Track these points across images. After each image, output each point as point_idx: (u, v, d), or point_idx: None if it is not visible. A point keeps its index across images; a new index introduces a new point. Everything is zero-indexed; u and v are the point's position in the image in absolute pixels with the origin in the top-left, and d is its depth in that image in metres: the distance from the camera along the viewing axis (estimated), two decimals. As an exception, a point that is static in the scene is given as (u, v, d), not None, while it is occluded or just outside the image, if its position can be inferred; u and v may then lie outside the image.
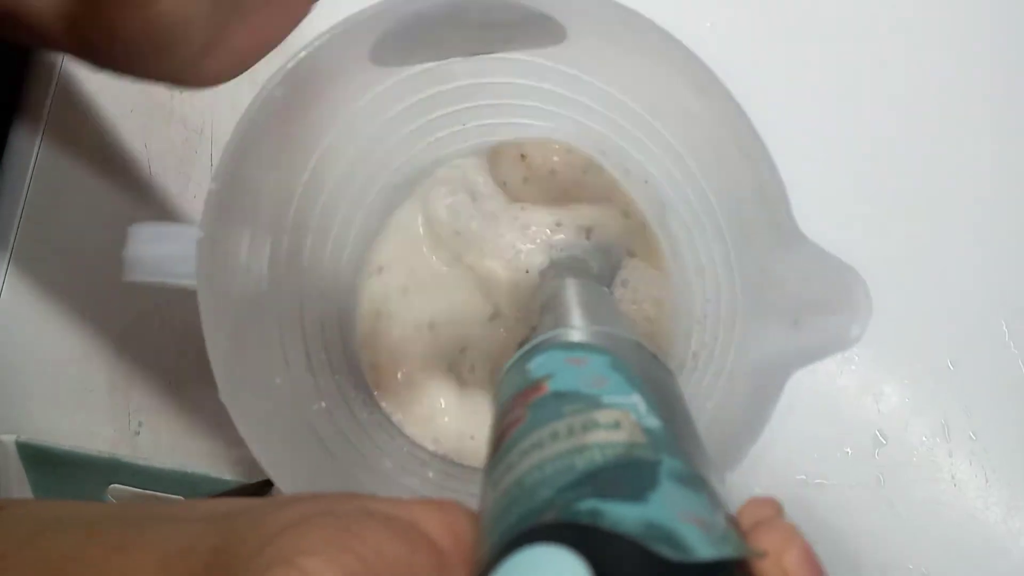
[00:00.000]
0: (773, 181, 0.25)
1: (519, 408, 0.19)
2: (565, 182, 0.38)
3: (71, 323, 0.47)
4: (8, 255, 0.47)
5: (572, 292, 0.29)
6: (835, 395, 0.41)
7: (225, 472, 0.43)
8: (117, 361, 0.46)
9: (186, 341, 0.46)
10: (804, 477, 0.41)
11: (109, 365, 0.46)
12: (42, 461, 0.43)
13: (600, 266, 0.35)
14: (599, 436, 0.17)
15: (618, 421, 0.17)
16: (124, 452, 0.44)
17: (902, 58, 0.44)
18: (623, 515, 0.14)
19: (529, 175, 0.38)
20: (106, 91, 0.48)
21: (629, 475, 0.15)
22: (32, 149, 0.48)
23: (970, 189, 0.43)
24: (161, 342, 0.46)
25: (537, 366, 0.21)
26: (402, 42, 0.28)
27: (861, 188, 0.43)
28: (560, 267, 0.35)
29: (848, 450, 0.41)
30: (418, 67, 0.31)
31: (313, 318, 0.35)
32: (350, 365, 0.38)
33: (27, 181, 0.48)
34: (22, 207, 0.48)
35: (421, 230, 0.39)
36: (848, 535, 0.40)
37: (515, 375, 0.22)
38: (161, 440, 0.45)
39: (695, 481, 0.16)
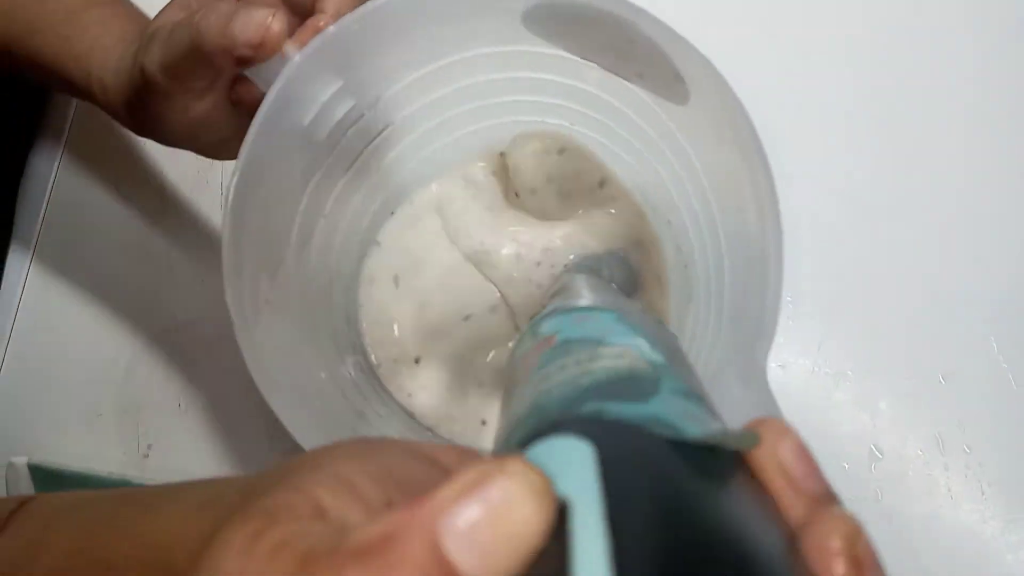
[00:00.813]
0: (770, 317, 0.26)
1: (532, 358, 0.20)
2: (616, 221, 0.40)
3: (82, 349, 0.48)
4: (22, 284, 0.49)
5: (581, 281, 0.31)
6: (831, 411, 0.42)
7: (232, 492, 0.44)
8: (127, 386, 0.47)
9: (195, 367, 0.47)
10: (803, 492, 0.41)
11: (119, 389, 0.47)
12: (53, 482, 0.44)
13: (611, 274, 0.37)
14: (603, 363, 0.17)
15: (622, 353, 0.18)
16: (133, 474, 0.45)
17: (896, 83, 0.46)
18: (624, 411, 0.15)
19: (590, 194, 0.40)
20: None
21: (631, 385, 0.16)
22: (48, 179, 0.50)
23: (960, 210, 0.44)
24: (171, 367, 0.47)
25: (547, 327, 0.22)
26: (558, 19, 0.29)
27: (857, 209, 0.45)
28: (572, 268, 0.37)
29: (845, 465, 0.42)
30: (556, 50, 0.32)
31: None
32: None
33: (41, 215, 0.50)
34: (37, 236, 0.49)
35: (441, 216, 0.40)
36: (847, 548, 0.40)
37: (527, 339, 0.23)
38: (169, 462, 0.46)
39: (695, 397, 0.17)
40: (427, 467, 0.16)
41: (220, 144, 0.34)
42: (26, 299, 0.49)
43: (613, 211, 0.40)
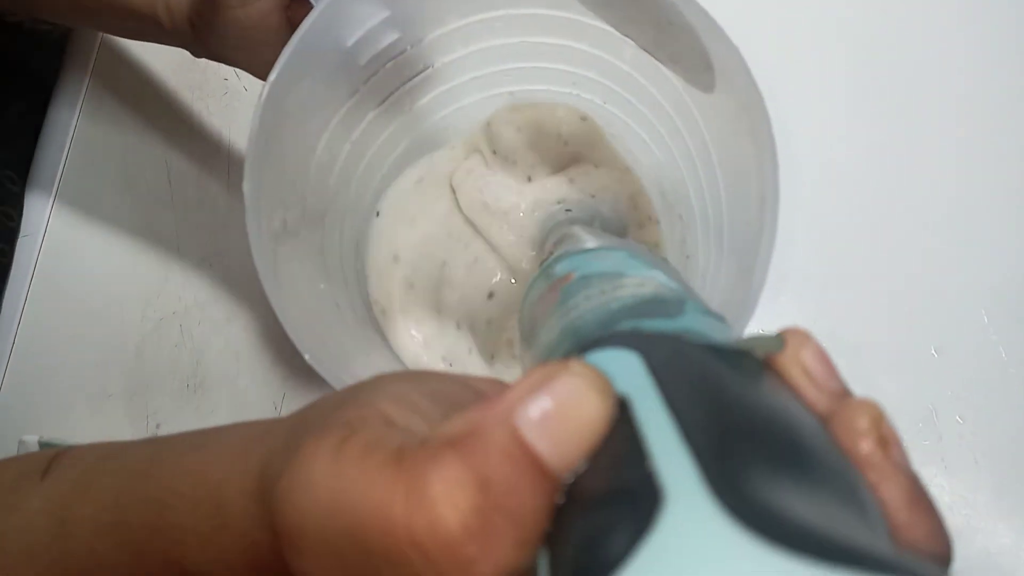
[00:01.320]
0: (748, 311, 0.27)
1: (552, 294, 0.21)
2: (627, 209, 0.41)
3: (93, 331, 0.49)
4: (33, 266, 0.50)
5: (581, 230, 0.31)
6: (826, 383, 0.43)
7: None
8: (135, 367, 0.48)
9: (201, 348, 0.48)
10: (800, 462, 0.42)
11: (128, 371, 0.48)
12: (64, 460, 0.45)
13: (603, 224, 0.38)
14: (628, 290, 0.19)
15: (643, 283, 0.19)
16: (143, 452, 0.46)
17: (889, 69, 0.47)
18: (659, 325, 0.16)
19: (603, 176, 0.41)
20: (129, 109, 0.51)
21: (659, 306, 0.17)
22: (59, 163, 0.51)
23: (951, 187, 0.45)
24: (179, 348, 0.48)
25: (562, 267, 0.23)
26: None
27: (850, 187, 0.46)
28: (568, 221, 0.39)
29: (841, 436, 0.42)
30: (598, 22, 0.33)
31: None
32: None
33: (51, 200, 0.51)
34: (47, 220, 0.50)
35: (444, 180, 0.42)
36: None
37: (542, 280, 0.24)
38: (178, 441, 0.47)
39: (716, 316, 0.18)
40: (469, 392, 0.18)
41: (272, 64, 0.36)
42: (36, 282, 0.49)
43: (620, 192, 0.41)
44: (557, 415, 0.13)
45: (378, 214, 0.41)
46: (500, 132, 0.41)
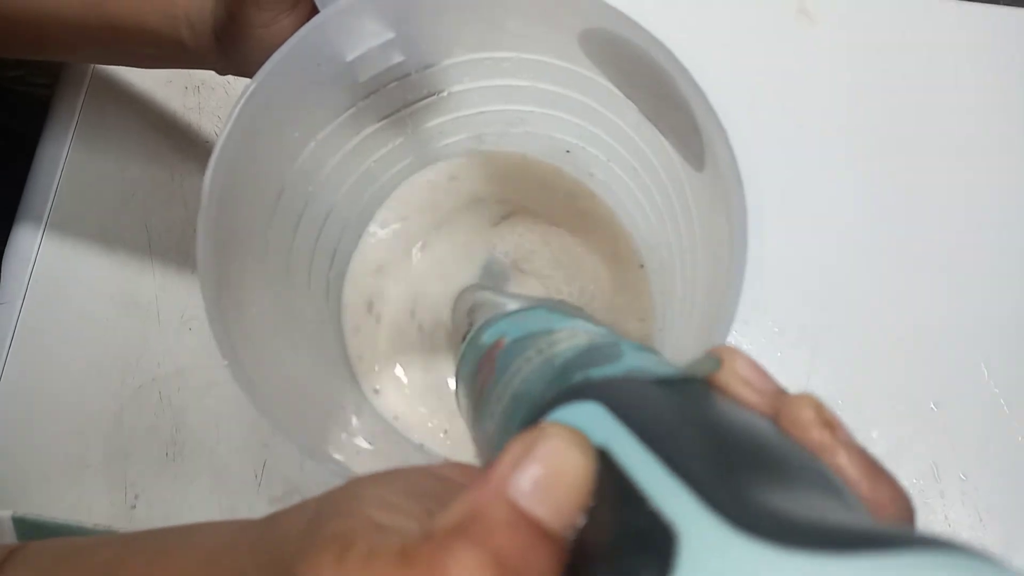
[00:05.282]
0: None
1: (488, 364, 0.22)
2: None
3: (68, 400, 0.48)
4: (11, 335, 0.49)
5: (490, 295, 0.32)
6: (823, 440, 0.42)
7: (220, 541, 0.43)
8: (113, 435, 0.47)
9: (181, 415, 0.47)
10: (798, 524, 0.41)
11: (105, 440, 0.47)
12: (38, 536, 0.43)
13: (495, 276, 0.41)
14: (564, 344, 0.19)
15: (574, 333, 0.20)
16: (121, 525, 0.44)
17: (884, 122, 0.47)
18: (607, 371, 0.17)
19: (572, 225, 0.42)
20: (110, 174, 0.51)
21: (599, 353, 0.18)
22: (38, 230, 0.50)
23: (947, 239, 0.45)
24: (157, 416, 0.47)
25: (489, 335, 0.24)
26: (609, 49, 0.30)
27: (845, 240, 0.45)
28: (471, 289, 0.39)
29: (840, 495, 0.41)
30: (604, 80, 0.33)
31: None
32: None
33: (30, 269, 0.50)
34: (26, 287, 0.49)
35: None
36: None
37: (472, 351, 0.24)
38: (156, 511, 0.45)
39: (651, 350, 0.19)
40: (441, 483, 0.18)
41: None
42: (14, 350, 0.48)
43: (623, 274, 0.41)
44: (547, 478, 0.14)
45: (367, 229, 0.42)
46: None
